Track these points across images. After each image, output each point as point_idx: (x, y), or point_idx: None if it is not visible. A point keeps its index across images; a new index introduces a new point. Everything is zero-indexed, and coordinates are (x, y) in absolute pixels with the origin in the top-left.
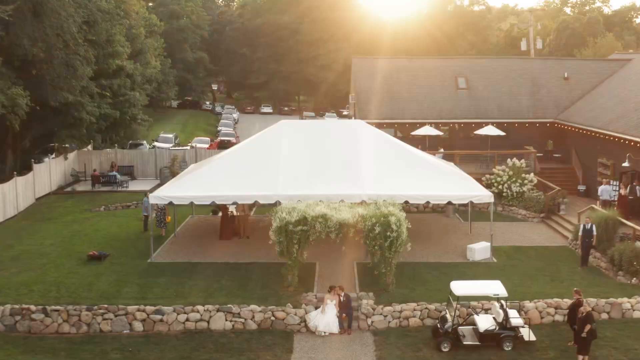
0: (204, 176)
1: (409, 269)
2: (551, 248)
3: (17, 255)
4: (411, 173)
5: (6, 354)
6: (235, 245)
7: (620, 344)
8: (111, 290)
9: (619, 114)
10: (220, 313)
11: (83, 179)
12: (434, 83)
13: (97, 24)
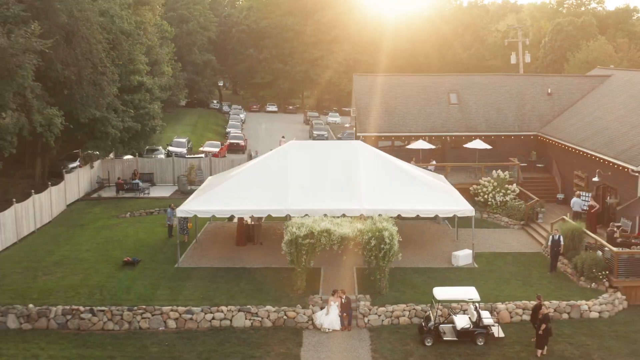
0: (222, 192)
1: (400, 274)
2: (527, 254)
3: (59, 261)
4: (403, 189)
5: (61, 348)
6: (250, 251)
7: (575, 340)
8: (147, 292)
9: (593, 131)
10: (241, 313)
11: (107, 185)
12: (428, 98)
13: (120, 45)
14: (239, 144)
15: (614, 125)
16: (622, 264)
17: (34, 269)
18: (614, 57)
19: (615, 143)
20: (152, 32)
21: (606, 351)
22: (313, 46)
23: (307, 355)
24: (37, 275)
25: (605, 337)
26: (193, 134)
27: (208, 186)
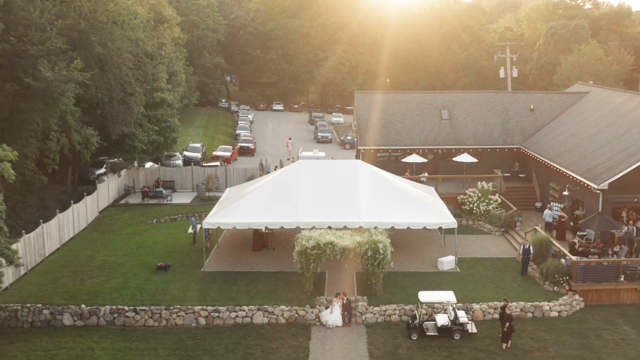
0: (241, 206)
1: (393, 278)
2: (503, 259)
3: (101, 265)
4: (396, 204)
5: (111, 342)
6: (264, 256)
7: (535, 335)
8: (179, 294)
9: (567, 148)
10: (259, 311)
11: (133, 192)
12: (422, 114)
13: (145, 66)
14: (249, 148)
15: (584, 143)
16: (580, 270)
17: (80, 272)
18: (604, 61)
19: (584, 161)
20: (169, 47)
21: (560, 345)
22: (317, 47)
23: (314, 347)
24: (83, 279)
25: (562, 333)
26: (205, 136)
27: (227, 199)
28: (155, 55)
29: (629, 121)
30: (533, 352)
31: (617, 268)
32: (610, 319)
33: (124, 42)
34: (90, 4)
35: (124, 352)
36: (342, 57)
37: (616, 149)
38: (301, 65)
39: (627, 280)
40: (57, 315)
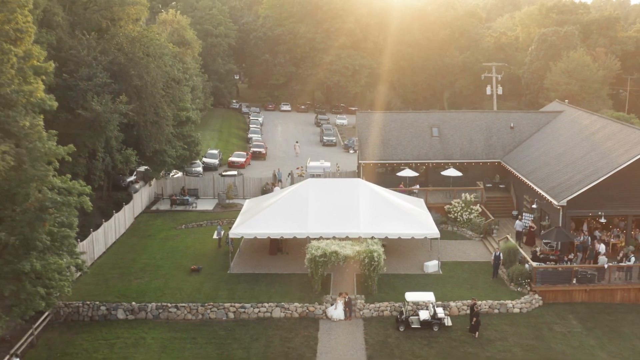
0: (261, 219)
1: (386, 279)
2: (479, 263)
3: (143, 267)
4: (390, 217)
5: (158, 332)
6: (279, 259)
7: (499, 328)
8: (212, 293)
9: (538, 165)
10: (277, 307)
11: (162, 198)
12: (415, 132)
13: (172, 89)
14: (261, 152)
15: (552, 162)
16: (539, 274)
17: (127, 274)
18: (591, 67)
19: (550, 179)
20: (191, 64)
21: (518, 336)
22: (323, 52)
23: (322, 337)
24: (130, 280)
25: (520, 326)
26: (220, 140)
27: (248, 211)
28: (180, 80)
29: (590, 143)
30: (495, 342)
31: (570, 273)
32: (562, 314)
33: (157, 73)
34: (128, 40)
35: (170, 341)
36: (346, 61)
37: (577, 170)
38: (307, 68)
39: (578, 283)
40: (112, 310)
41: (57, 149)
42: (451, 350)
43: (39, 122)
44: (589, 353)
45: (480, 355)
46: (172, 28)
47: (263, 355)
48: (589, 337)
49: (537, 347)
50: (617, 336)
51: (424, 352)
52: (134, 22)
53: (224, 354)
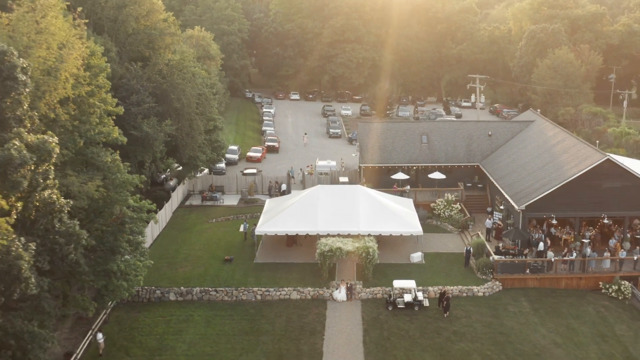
0: (280, 219)
1: (379, 268)
2: (455, 254)
3: (186, 257)
4: (383, 218)
5: (203, 311)
6: (295, 250)
7: (465, 308)
8: (242, 279)
9: (507, 171)
10: (295, 291)
11: (193, 194)
12: (407, 139)
13: (202, 104)
14: (274, 146)
15: (519, 169)
16: (500, 266)
17: (173, 263)
18: (575, 64)
19: (515, 185)
20: (214, 74)
21: (479, 314)
22: (329, 46)
23: (329, 314)
24: (176, 268)
25: (482, 306)
26: (237, 134)
27: (269, 211)
28: (209, 96)
29: (550, 155)
30: (461, 319)
31: (524, 264)
32: (516, 298)
33: (191, 94)
34: (168, 68)
35: (212, 318)
36: (350, 55)
37: (536, 179)
38: (314, 60)
39: (531, 272)
40: (165, 293)
41: (132, 179)
42: (427, 325)
43: (117, 158)
44: (532, 329)
45: (449, 329)
46: (197, 43)
47: (284, 328)
48: (534, 316)
49: (493, 323)
50: (557, 315)
51: (407, 327)
52: (171, 51)
53: (255, 327)
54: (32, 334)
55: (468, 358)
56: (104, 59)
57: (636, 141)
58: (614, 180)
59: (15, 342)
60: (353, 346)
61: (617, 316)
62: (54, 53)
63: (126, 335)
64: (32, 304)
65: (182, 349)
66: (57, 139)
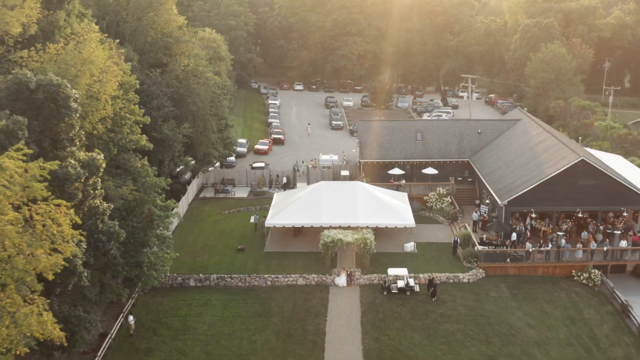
0: (288, 212)
1: (376, 257)
2: (445, 244)
3: (203, 247)
4: (379, 211)
5: (220, 296)
6: (300, 240)
7: (451, 293)
8: (254, 266)
9: (493, 168)
10: (301, 277)
11: (206, 186)
12: (403, 136)
13: (214, 104)
14: (280, 139)
15: (504, 166)
16: (483, 255)
17: (191, 252)
18: (566, 58)
19: (499, 181)
20: (224, 71)
21: (463, 299)
22: (331, 38)
23: (331, 298)
24: (195, 257)
25: (466, 291)
26: (245, 126)
27: (278, 204)
28: (221, 97)
29: (532, 154)
30: (447, 303)
31: (504, 254)
32: (497, 284)
33: (205, 97)
34: (184, 73)
35: (228, 301)
36: (352, 47)
37: (518, 176)
38: (317, 52)
39: (511, 261)
40: (186, 280)
41: (159, 181)
42: (417, 308)
43: (145, 163)
44: (510, 312)
45: (436, 312)
46: (208, 45)
47: (292, 311)
48: (513, 301)
49: (475, 307)
50: (532, 300)
51: (399, 309)
52: (186, 56)
53: (266, 309)
54: (79, 317)
55: (452, 337)
56: (133, 76)
57: (620, 135)
58: (588, 179)
59: (65, 325)
60: (352, 326)
61: (586, 301)
62: (96, 79)
63: (153, 318)
64: (76, 292)
65: (203, 329)
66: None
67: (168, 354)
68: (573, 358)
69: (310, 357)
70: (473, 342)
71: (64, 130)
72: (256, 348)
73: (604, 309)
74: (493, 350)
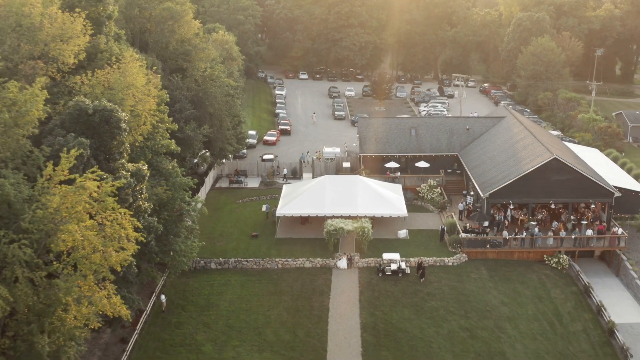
0: (296, 203)
1: (373, 243)
2: (434, 231)
3: (221, 234)
4: (376, 202)
5: (238, 277)
6: (307, 227)
7: (435, 275)
8: (267, 251)
9: (478, 162)
10: (307, 261)
11: (221, 177)
12: (399, 132)
13: (229, 105)
14: (287, 129)
15: (488, 162)
16: (466, 242)
17: (212, 238)
18: (555, 51)
19: (483, 175)
20: (236, 69)
21: (448, 280)
22: (334, 30)
23: (334, 279)
24: (215, 243)
25: (451, 273)
26: (254, 117)
27: (287, 195)
28: (235, 96)
29: (512, 151)
30: (433, 283)
31: (485, 241)
32: (477, 267)
33: (222, 99)
34: (202, 77)
35: (245, 282)
36: (354, 39)
37: (499, 171)
38: (321, 43)
39: (490, 247)
40: (208, 263)
41: (187, 181)
42: (407, 288)
43: (175, 165)
44: (487, 291)
45: (424, 291)
46: (221, 46)
47: (300, 289)
48: (490, 281)
49: (457, 287)
50: (507, 281)
51: (392, 289)
52: (203, 60)
53: (278, 289)
54: (125, 298)
55: (436, 313)
56: (164, 91)
57: (600, 127)
58: (560, 174)
59: None
60: (351, 303)
61: (554, 282)
62: (137, 100)
63: (181, 296)
64: (120, 276)
65: (224, 306)
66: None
67: (195, 327)
68: (538, 331)
69: (316, 329)
70: (454, 316)
71: (116, 146)
72: (270, 322)
73: (569, 290)
74: (470, 324)
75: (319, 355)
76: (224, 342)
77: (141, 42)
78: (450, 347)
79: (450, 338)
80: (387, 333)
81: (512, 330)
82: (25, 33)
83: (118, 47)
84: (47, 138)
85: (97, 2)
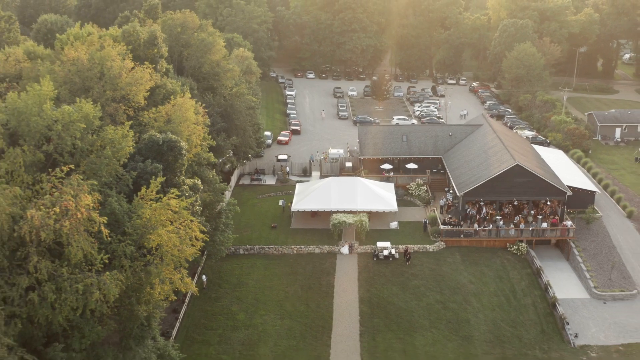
0: (309, 199)
1: (370, 233)
2: (419, 222)
3: (246, 225)
4: (371, 199)
5: (261, 261)
6: (317, 219)
7: (420, 259)
8: (284, 239)
9: (458, 164)
10: (317, 247)
11: (243, 175)
12: (392, 138)
13: (250, 115)
14: (297, 130)
15: (465, 165)
16: (444, 232)
17: (238, 229)
18: (536, 56)
19: (461, 177)
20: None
21: (428, 263)
22: (339, 35)
23: (338, 263)
24: (241, 233)
25: (431, 258)
26: (268, 117)
27: (300, 193)
28: (255, 108)
29: (485, 156)
30: (417, 266)
31: (459, 232)
32: (453, 253)
33: (246, 113)
34: (230, 95)
35: (267, 265)
36: (356, 42)
37: (473, 174)
38: (327, 46)
39: (464, 237)
40: (237, 250)
41: (224, 187)
42: (396, 270)
43: (214, 174)
44: (459, 272)
45: (409, 272)
46: (241, 61)
47: (311, 271)
48: (462, 265)
49: (435, 269)
50: (475, 264)
51: (384, 270)
52: (230, 80)
53: (293, 270)
54: None
55: (417, 290)
56: (206, 116)
57: (569, 129)
58: (522, 177)
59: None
60: (352, 282)
61: (513, 266)
62: (191, 131)
63: (217, 276)
64: None
65: (252, 283)
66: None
67: (230, 300)
68: (497, 304)
69: (324, 302)
70: (431, 292)
71: (178, 167)
72: (288, 296)
73: (524, 271)
74: (444, 298)
75: (327, 322)
76: (253, 312)
77: (179, 67)
78: (427, 315)
79: (428, 309)
80: (379, 305)
81: (476, 303)
82: (108, 81)
83: (170, 82)
84: (130, 163)
85: (153, 46)
